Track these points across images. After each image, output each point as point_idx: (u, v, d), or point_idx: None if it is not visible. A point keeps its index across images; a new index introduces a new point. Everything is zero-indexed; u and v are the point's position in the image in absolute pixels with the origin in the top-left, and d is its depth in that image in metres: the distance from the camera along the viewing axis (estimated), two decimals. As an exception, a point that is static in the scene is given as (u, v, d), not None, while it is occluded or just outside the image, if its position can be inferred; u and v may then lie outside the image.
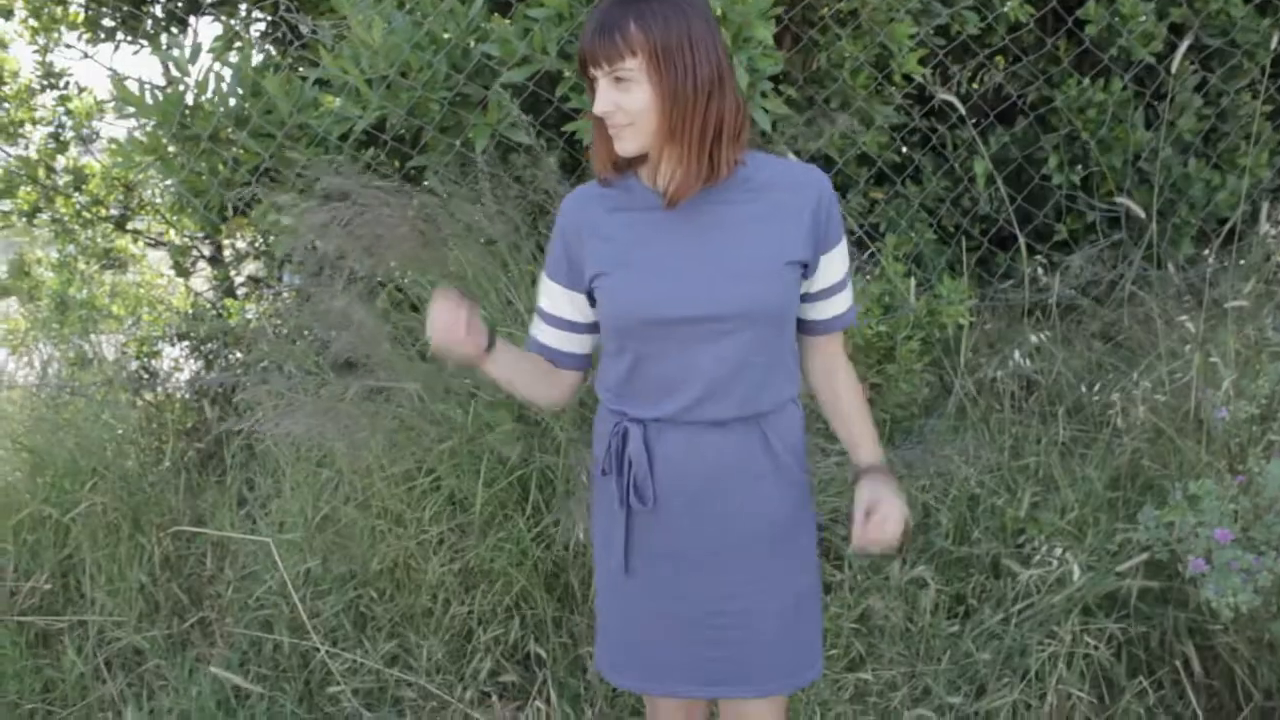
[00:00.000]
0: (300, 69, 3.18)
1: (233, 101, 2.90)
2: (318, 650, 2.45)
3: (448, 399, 2.62)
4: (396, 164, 2.93)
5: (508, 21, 2.64)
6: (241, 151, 2.82)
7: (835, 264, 1.64)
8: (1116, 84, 3.75)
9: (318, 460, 2.61)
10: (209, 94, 2.87)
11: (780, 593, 1.72)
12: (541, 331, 1.72)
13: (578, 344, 1.72)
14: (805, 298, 1.66)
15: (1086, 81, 3.73)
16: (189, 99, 2.88)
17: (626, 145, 1.54)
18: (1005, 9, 3.46)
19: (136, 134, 2.88)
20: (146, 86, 2.86)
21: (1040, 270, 3.09)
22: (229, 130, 2.87)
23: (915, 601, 2.45)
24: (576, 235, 1.64)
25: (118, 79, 2.86)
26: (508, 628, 2.51)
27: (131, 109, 2.86)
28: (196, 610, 2.60)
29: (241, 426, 2.60)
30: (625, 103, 1.49)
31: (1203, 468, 2.54)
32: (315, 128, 2.70)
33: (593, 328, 1.71)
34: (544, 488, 2.58)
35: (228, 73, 2.90)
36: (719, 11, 2.47)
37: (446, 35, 2.68)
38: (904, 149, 3.81)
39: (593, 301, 1.66)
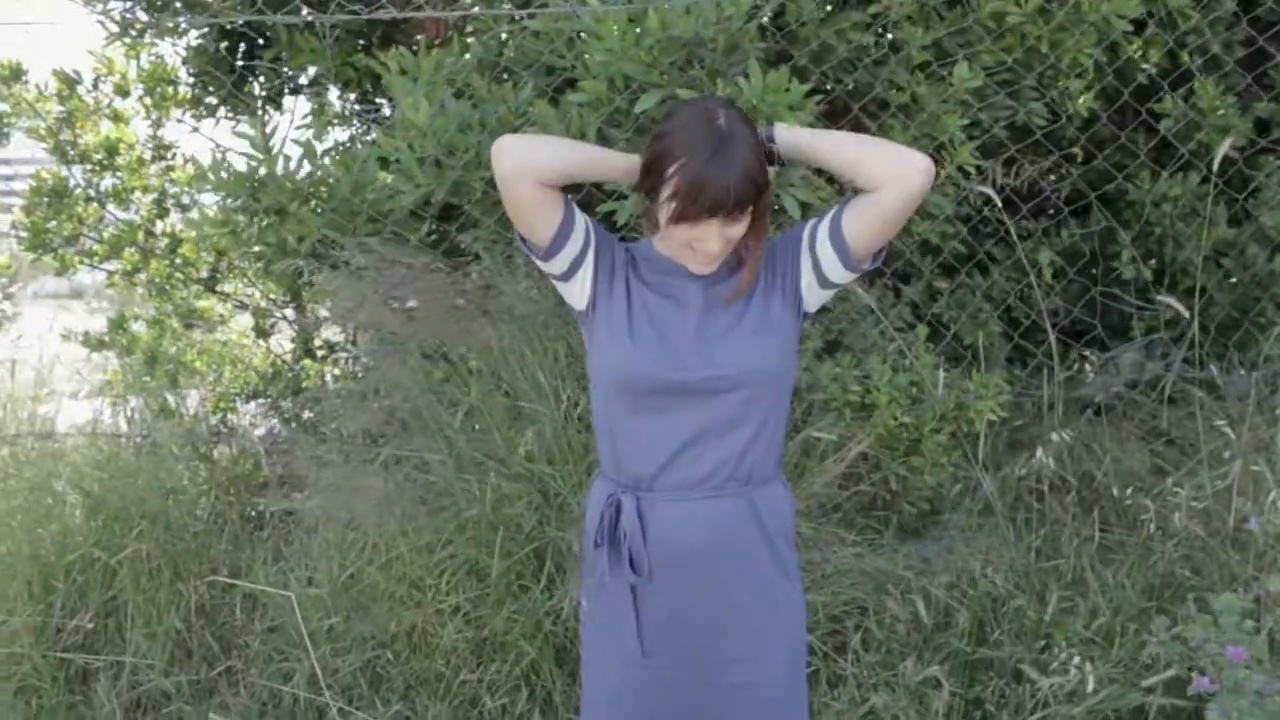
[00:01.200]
0: (370, 144, 3.37)
1: (301, 174, 3.09)
2: (330, 707, 2.51)
3: (474, 469, 2.69)
4: (453, 237, 3.07)
5: (550, 105, 2.75)
6: (300, 224, 2.99)
7: (814, 236, 1.66)
8: (1194, 178, 3.66)
9: (347, 522, 2.70)
10: (279, 170, 3.07)
11: (769, 669, 1.73)
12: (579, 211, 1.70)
13: (568, 234, 1.66)
14: (831, 252, 1.64)
15: (1166, 174, 3.66)
16: (262, 174, 3.08)
17: (710, 267, 1.63)
18: (1076, 102, 3.42)
19: (209, 209, 3.10)
20: (221, 161, 3.08)
21: (1088, 365, 3.01)
22: (295, 204, 3.05)
23: (927, 703, 2.38)
24: (623, 264, 1.71)
25: (202, 159, 3.10)
26: (514, 699, 2.52)
27: (209, 184, 3.08)
28: (225, 659, 2.70)
29: (280, 503, 2.72)
30: (732, 235, 1.58)
31: (1248, 579, 2.41)
32: (366, 202, 2.85)
33: (564, 265, 1.69)
34: (560, 560, 2.61)
35: (296, 150, 3.10)
36: (752, 103, 2.54)
37: (497, 116, 2.81)
38: (968, 239, 3.78)
39: (579, 290, 1.71)
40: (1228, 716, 1.73)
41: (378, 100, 4.16)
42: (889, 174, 1.56)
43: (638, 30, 2.55)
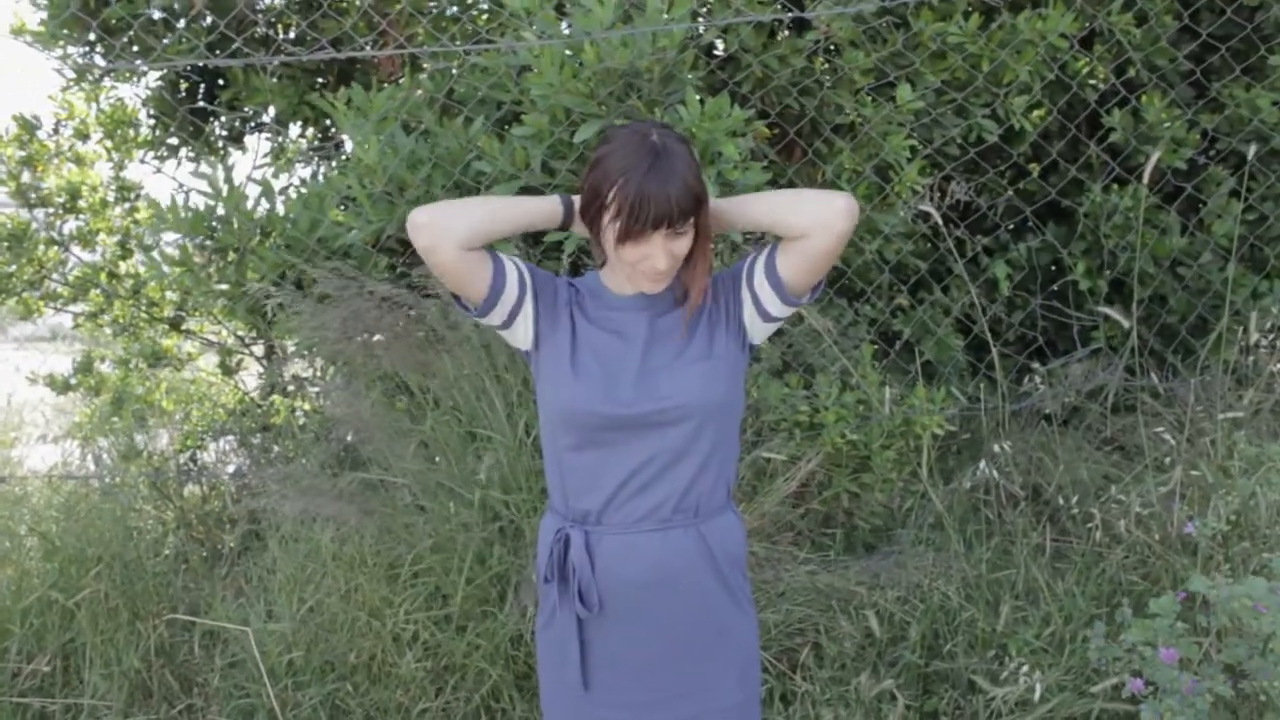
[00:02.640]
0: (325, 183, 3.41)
1: (259, 214, 3.12)
2: (291, 742, 2.52)
3: (433, 498, 2.71)
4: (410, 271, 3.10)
5: (496, 139, 2.79)
6: (258, 261, 3.02)
7: (752, 273, 1.69)
8: (1142, 190, 3.70)
9: (305, 553, 2.71)
10: (237, 209, 3.10)
11: (720, 699, 1.73)
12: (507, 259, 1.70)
13: (501, 289, 1.66)
14: (769, 289, 1.67)
15: (1099, 187, 3.71)
16: (219, 213, 3.11)
17: (661, 284, 1.64)
18: (1021, 117, 3.47)
19: (167, 248, 3.12)
20: (184, 201, 3.11)
21: (1038, 377, 3.05)
22: (255, 241, 3.09)
23: (882, 717, 2.39)
24: (566, 302, 1.70)
25: (166, 200, 3.12)
26: (475, 727, 2.53)
27: (167, 223, 3.11)
28: (186, 697, 2.69)
29: (238, 517, 2.73)
30: (678, 250, 1.59)
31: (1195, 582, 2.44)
32: (320, 240, 2.88)
33: (503, 315, 1.68)
34: (519, 584, 2.63)
35: (253, 189, 3.14)
36: (691, 131, 2.58)
37: (446, 150, 2.85)
38: (923, 255, 3.82)
39: (522, 333, 1.70)
40: (1159, 717, 1.76)
41: (342, 137, 4.21)
42: (812, 222, 1.58)
43: (577, 63, 2.59)
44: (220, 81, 4.03)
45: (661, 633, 1.69)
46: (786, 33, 3.39)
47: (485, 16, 3.38)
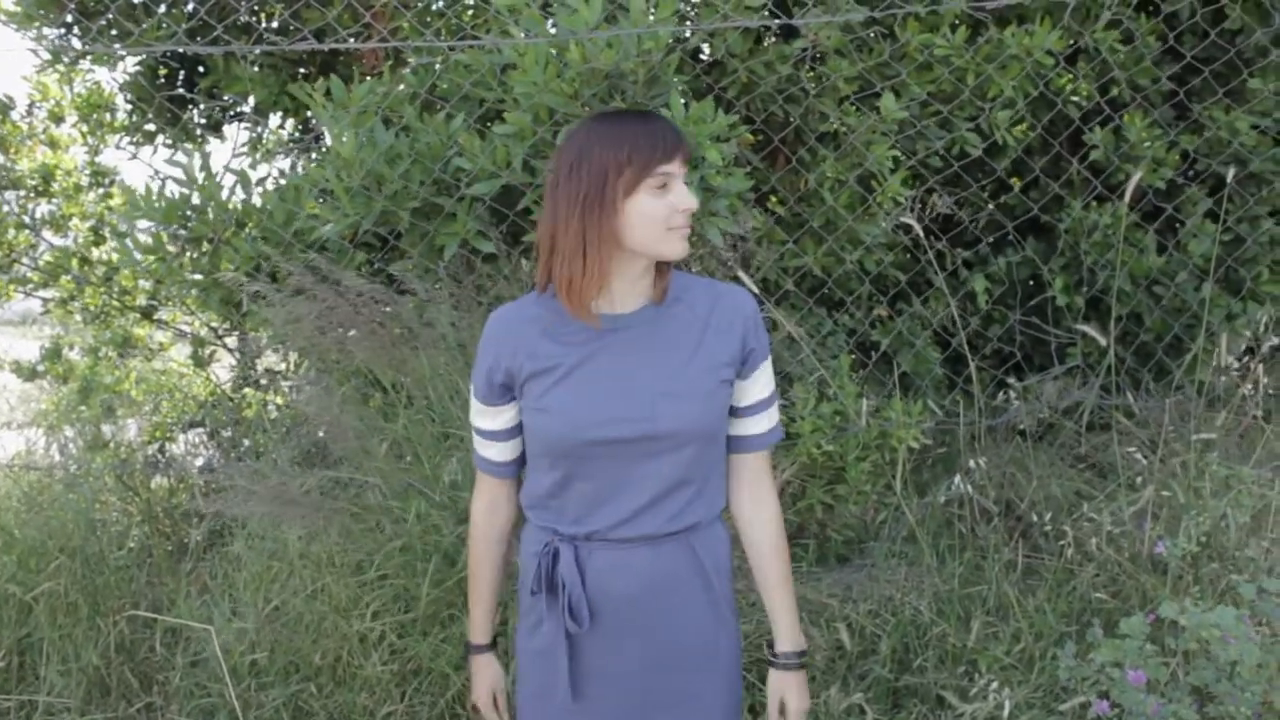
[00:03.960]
0: (303, 175, 3.37)
1: (235, 204, 3.08)
2: (251, 743, 2.48)
3: (401, 497, 2.68)
4: (386, 268, 3.07)
5: (477, 137, 2.76)
6: (233, 251, 2.98)
7: (760, 383, 1.66)
8: (1121, 207, 3.72)
9: (272, 551, 2.67)
10: (212, 199, 3.05)
11: (703, 709, 1.70)
12: (491, 448, 1.71)
13: (517, 448, 1.71)
14: (731, 411, 1.66)
15: (1080, 204, 3.73)
16: (194, 202, 3.07)
17: (686, 245, 1.54)
18: (1004, 132, 3.47)
19: (141, 235, 3.07)
20: (160, 189, 3.06)
21: (1012, 393, 3.05)
22: (230, 232, 3.04)
23: (851, 730, 2.38)
24: (511, 356, 1.61)
25: (134, 188, 3.07)
26: (439, 732, 2.50)
27: (139, 211, 3.05)
28: (145, 695, 2.65)
29: (205, 512, 2.69)
30: (695, 205, 1.54)
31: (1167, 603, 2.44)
32: (295, 233, 2.84)
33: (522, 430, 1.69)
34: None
35: (229, 179, 3.09)
36: (675, 133, 2.56)
37: (426, 145, 2.82)
38: (901, 267, 3.82)
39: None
40: (1125, 740, 1.76)
41: (322, 129, 4.16)
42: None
43: (561, 63, 2.57)
44: (200, 69, 3.98)
45: (647, 644, 1.65)
46: (774, 39, 3.39)
47: (470, 12, 3.35)
